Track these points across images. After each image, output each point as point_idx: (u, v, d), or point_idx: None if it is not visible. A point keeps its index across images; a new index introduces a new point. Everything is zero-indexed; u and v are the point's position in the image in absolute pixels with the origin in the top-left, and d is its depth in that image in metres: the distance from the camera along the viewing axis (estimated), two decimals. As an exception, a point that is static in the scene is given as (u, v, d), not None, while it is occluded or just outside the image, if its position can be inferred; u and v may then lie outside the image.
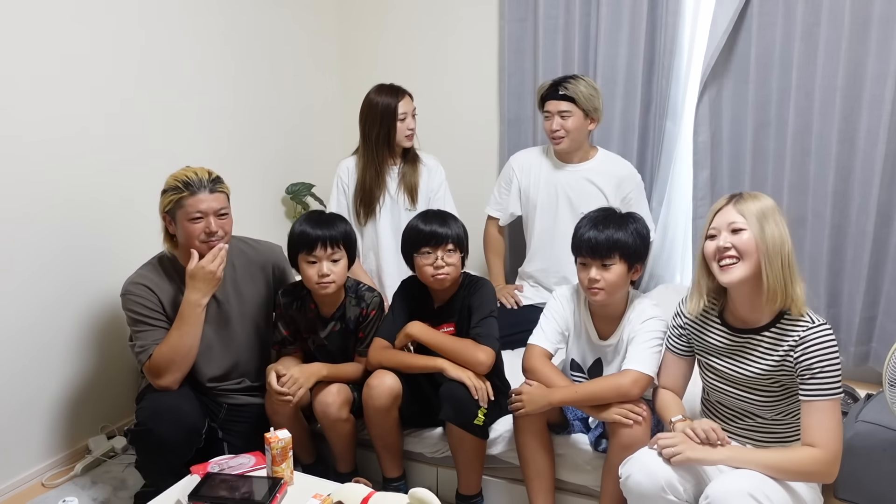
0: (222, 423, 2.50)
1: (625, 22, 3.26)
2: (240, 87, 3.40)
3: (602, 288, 2.21)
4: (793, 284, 1.95)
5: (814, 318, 1.95)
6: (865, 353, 3.10)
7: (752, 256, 1.94)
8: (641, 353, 2.21)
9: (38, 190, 2.60)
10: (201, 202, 2.31)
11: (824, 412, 1.90)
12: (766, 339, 1.99)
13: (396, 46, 3.84)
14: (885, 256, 2.99)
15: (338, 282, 2.43)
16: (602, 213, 2.28)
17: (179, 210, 2.32)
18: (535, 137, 3.54)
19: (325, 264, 2.39)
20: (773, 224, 1.94)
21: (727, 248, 1.95)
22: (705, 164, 3.23)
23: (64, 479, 2.72)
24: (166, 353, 2.32)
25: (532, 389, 2.27)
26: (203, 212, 2.32)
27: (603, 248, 2.19)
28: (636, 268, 2.26)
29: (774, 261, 1.93)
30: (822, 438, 1.89)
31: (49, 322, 2.70)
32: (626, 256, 2.21)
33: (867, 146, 2.92)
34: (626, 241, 2.20)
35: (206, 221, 2.32)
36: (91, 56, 2.74)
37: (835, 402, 1.90)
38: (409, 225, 2.46)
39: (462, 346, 2.37)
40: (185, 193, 2.31)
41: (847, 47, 2.87)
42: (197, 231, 2.32)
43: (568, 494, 2.43)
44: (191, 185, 2.31)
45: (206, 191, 2.32)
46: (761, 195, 2.00)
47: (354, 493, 1.89)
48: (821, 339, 1.92)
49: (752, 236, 1.94)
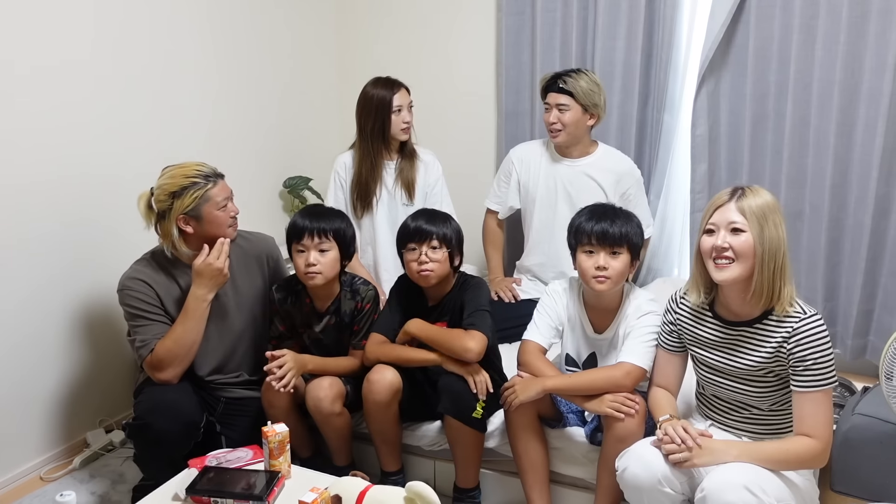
0: (220, 417, 2.50)
1: (623, 15, 3.26)
2: (237, 80, 3.39)
3: (609, 276, 2.22)
4: (782, 287, 1.95)
5: (806, 310, 1.96)
6: (862, 347, 3.10)
7: (748, 259, 1.94)
8: (637, 346, 2.22)
9: (33, 185, 2.60)
10: (224, 189, 2.40)
11: (817, 403, 1.92)
12: (759, 331, 1.99)
13: (394, 40, 3.83)
14: (882, 249, 2.99)
15: (325, 273, 2.42)
16: (606, 207, 2.31)
17: (206, 203, 2.35)
18: (532, 131, 3.53)
19: (312, 253, 2.40)
20: (772, 225, 1.93)
21: (724, 248, 1.95)
22: (703, 158, 3.23)
23: (62, 472, 2.73)
24: (170, 348, 2.33)
25: (524, 379, 2.28)
26: (228, 197, 2.41)
27: (614, 236, 2.22)
28: (634, 263, 2.28)
29: (768, 265, 1.93)
30: (815, 428, 1.91)
31: (47, 316, 2.70)
32: (632, 249, 2.24)
33: (865, 139, 2.92)
34: (633, 234, 2.24)
35: (230, 206, 2.41)
36: (88, 51, 2.73)
37: (827, 392, 1.92)
38: (402, 222, 2.49)
39: (450, 334, 2.37)
40: (210, 185, 2.35)
41: (845, 40, 2.87)
42: (226, 218, 2.40)
43: (564, 487, 2.44)
44: (209, 176, 2.37)
45: (222, 178, 2.41)
46: (762, 191, 1.99)
47: (352, 486, 1.89)
48: (813, 330, 1.92)
49: (750, 239, 1.93)
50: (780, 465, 1.92)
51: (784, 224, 1.96)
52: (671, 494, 1.93)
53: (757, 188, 2.00)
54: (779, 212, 1.96)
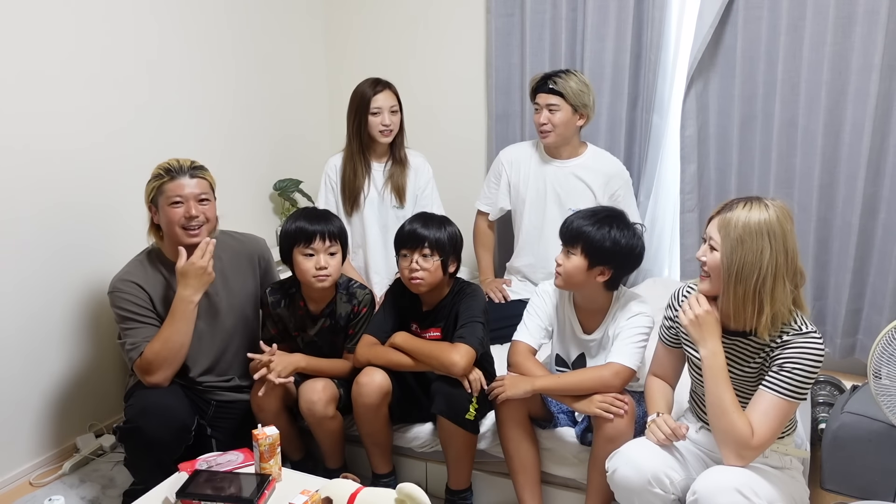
0: (211, 421, 2.50)
1: (611, 17, 3.27)
2: (227, 83, 3.38)
3: (559, 273, 2.25)
4: (756, 315, 1.86)
5: (804, 327, 1.89)
6: (851, 345, 3.12)
7: (717, 280, 1.92)
8: (625, 347, 2.23)
9: (24, 188, 2.59)
10: (181, 187, 2.34)
11: (774, 408, 1.86)
12: (754, 343, 1.96)
13: (384, 42, 3.83)
14: (870, 249, 3.01)
15: (333, 276, 2.43)
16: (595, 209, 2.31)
17: (161, 196, 2.35)
18: (523, 132, 3.54)
19: (322, 257, 2.40)
20: (750, 248, 1.83)
21: (703, 262, 1.96)
22: (692, 158, 3.25)
23: (52, 477, 2.71)
24: (158, 350, 2.32)
25: (514, 375, 2.29)
26: (183, 196, 2.34)
27: (566, 234, 2.24)
28: (601, 270, 2.23)
29: (735, 288, 1.87)
30: (758, 426, 1.86)
31: (36, 319, 2.68)
32: (588, 252, 2.19)
33: (853, 139, 2.94)
34: (592, 236, 2.19)
35: (187, 206, 2.34)
36: (79, 54, 2.72)
37: (788, 404, 1.86)
38: (400, 225, 2.48)
39: (437, 349, 2.36)
40: (166, 179, 2.35)
41: (832, 41, 2.89)
42: (177, 216, 2.34)
43: (556, 488, 2.44)
44: (171, 170, 2.36)
45: (186, 176, 2.36)
46: (761, 206, 1.86)
47: (342, 488, 1.88)
48: (804, 344, 1.87)
49: (718, 259, 1.89)
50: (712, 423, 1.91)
51: (776, 246, 1.83)
52: (661, 495, 1.93)
53: (755, 203, 1.88)
54: (771, 235, 1.83)
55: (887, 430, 2.15)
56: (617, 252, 2.20)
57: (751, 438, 1.85)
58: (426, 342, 2.42)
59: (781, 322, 1.89)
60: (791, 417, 1.99)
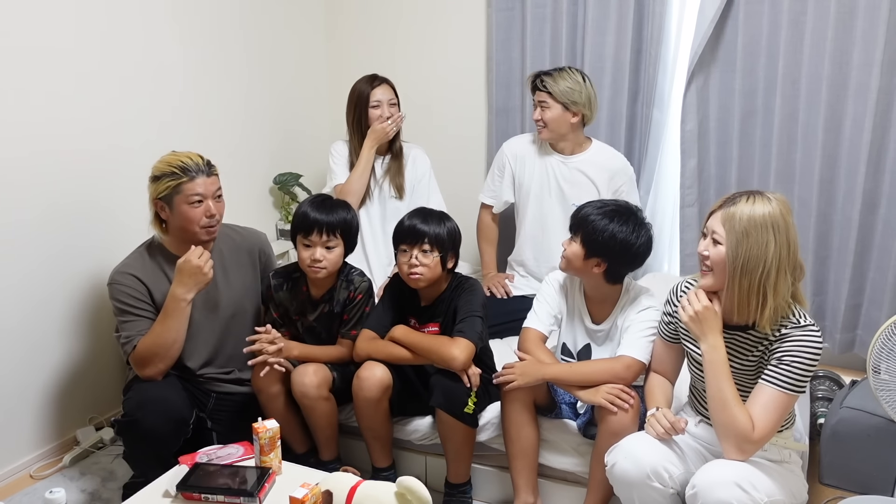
0: (210, 413, 2.50)
1: (612, 11, 3.26)
2: (227, 77, 3.38)
3: (564, 256, 2.29)
4: (761, 308, 1.87)
5: (802, 320, 1.90)
6: (851, 341, 3.12)
7: (721, 274, 1.92)
8: (637, 340, 2.24)
9: (22, 182, 2.58)
10: (200, 186, 2.35)
11: (774, 402, 1.87)
12: (752, 337, 1.97)
13: (384, 37, 3.83)
14: (870, 244, 3.01)
15: (329, 268, 2.45)
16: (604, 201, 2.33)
17: (177, 195, 2.34)
18: (523, 126, 3.53)
19: (318, 250, 2.41)
20: (755, 241, 1.84)
21: (705, 257, 1.96)
22: (692, 153, 3.24)
23: (52, 470, 2.72)
24: (149, 346, 2.32)
25: (525, 363, 2.29)
26: (202, 195, 2.35)
27: (572, 223, 2.28)
28: (597, 261, 2.25)
29: (741, 281, 1.87)
30: (758, 420, 1.87)
31: (36, 313, 2.68)
32: (586, 242, 2.23)
33: (853, 134, 2.94)
34: (590, 226, 2.23)
35: (206, 205, 2.36)
36: (78, 50, 2.72)
37: (787, 397, 1.87)
38: (399, 220, 2.48)
39: (436, 342, 2.36)
40: (184, 178, 2.33)
41: (833, 36, 2.88)
42: (198, 215, 2.36)
43: (554, 481, 2.44)
44: (188, 169, 2.34)
45: (204, 175, 2.36)
46: (764, 201, 1.87)
47: (342, 482, 1.89)
48: (803, 337, 1.88)
49: (723, 253, 1.89)
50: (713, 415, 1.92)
51: (780, 239, 1.84)
52: (660, 489, 1.94)
53: (758, 197, 1.89)
54: (775, 227, 1.84)
55: (886, 425, 2.16)
56: (612, 246, 2.21)
57: (752, 432, 1.86)
58: (426, 336, 2.42)
59: (780, 315, 1.91)
60: (790, 411, 2.00)
